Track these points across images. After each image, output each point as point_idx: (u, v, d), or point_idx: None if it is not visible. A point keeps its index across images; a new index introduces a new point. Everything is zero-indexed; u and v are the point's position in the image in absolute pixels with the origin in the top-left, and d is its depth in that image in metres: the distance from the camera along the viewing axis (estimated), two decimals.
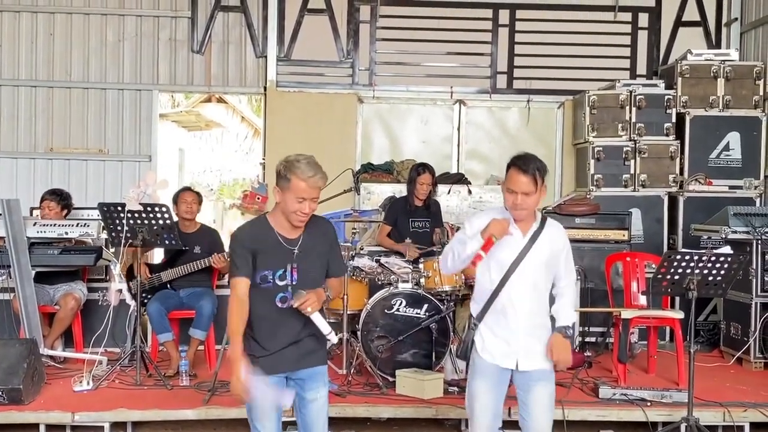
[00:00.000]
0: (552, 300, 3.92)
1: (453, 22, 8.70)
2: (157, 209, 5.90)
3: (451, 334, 5.79)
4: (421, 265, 6.14)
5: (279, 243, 3.61)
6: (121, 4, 8.63)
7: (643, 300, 6.30)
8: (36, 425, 5.11)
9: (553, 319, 3.91)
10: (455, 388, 5.54)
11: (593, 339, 6.97)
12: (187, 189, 6.68)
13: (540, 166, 3.74)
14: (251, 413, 3.69)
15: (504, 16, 8.80)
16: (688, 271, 4.78)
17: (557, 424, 5.02)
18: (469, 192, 8.24)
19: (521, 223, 3.81)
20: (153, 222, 5.91)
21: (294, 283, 3.61)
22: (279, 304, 3.61)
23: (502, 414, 3.96)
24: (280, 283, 3.61)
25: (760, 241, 6.47)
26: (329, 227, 3.80)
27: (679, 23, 8.86)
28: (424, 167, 6.96)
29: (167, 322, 6.09)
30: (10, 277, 5.92)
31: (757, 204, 7.76)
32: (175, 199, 6.47)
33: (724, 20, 8.80)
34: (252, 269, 3.59)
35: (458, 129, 8.86)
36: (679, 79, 7.96)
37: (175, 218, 6.29)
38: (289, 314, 3.61)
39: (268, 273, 3.60)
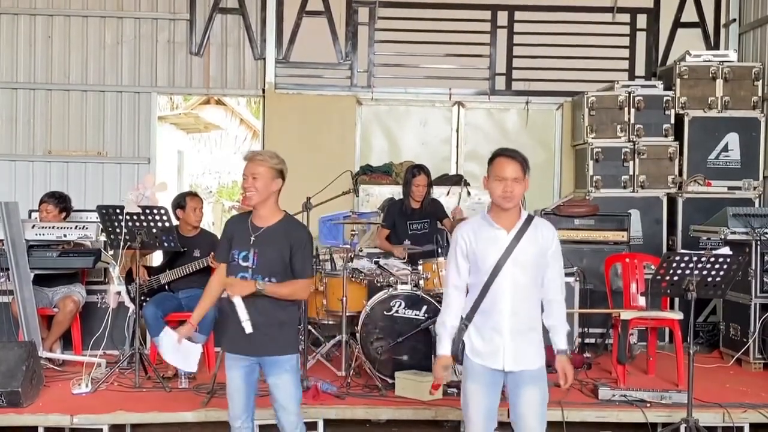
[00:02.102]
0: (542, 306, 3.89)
1: (451, 23, 8.71)
2: (155, 211, 5.89)
3: None
4: (420, 267, 6.14)
5: (247, 228, 4.11)
6: (119, 7, 8.63)
7: (642, 301, 6.30)
8: (35, 428, 5.10)
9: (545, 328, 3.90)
10: (454, 390, 5.51)
11: (592, 340, 6.97)
12: (195, 194, 6.65)
13: (525, 157, 3.79)
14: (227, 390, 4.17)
15: (502, 17, 8.80)
16: (687, 272, 4.77)
17: (557, 425, 5.03)
18: (468, 194, 8.25)
19: (505, 220, 3.77)
20: (152, 224, 5.90)
21: (254, 266, 4.03)
22: None
23: (498, 415, 3.93)
24: (243, 264, 4.06)
25: (759, 242, 6.46)
26: (298, 231, 4.16)
27: (677, 24, 8.86)
28: (419, 169, 6.97)
29: (163, 324, 6.06)
30: (9, 280, 5.92)
31: (756, 205, 7.75)
32: (182, 204, 6.42)
33: (723, 21, 8.80)
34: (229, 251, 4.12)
35: (457, 131, 8.86)
36: (678, 80, 7.96)
37: (175, 221, 6.28)
38: (250, 298, 3.99)
39: (235, 252, 4.09)
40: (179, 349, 4.24)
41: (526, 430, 3.78)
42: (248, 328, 3.98)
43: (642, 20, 8.88)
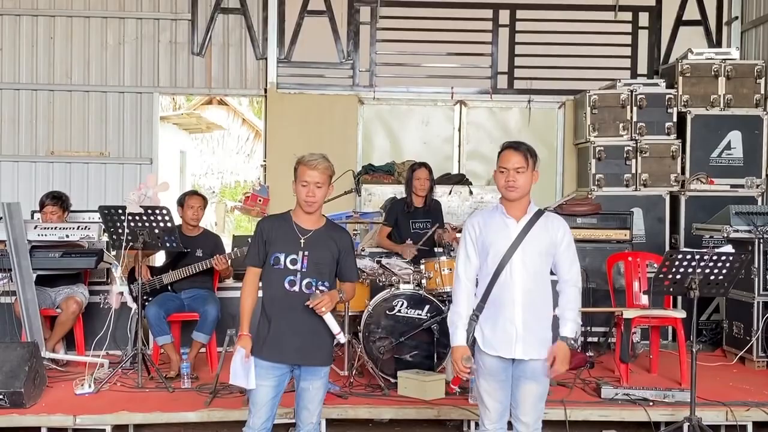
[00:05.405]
0: (556, 295, 3.91)
1: (453, 22, 8.70)
2: (158, 212, 5.89)
3: None
4: (422, 266, 6.13)
5: (293, 230, 3.98)
6: (121, 7, 8.64)
7: (645, 300, 6.29)
8: (38, 428, 5.10)
9: (556, 318, 3.91)
10: (457, 389, 5.53)
11: (595, 339, 6.96)
12: (194, 193, 6.66)
13: (531, 149, 3.85)
14: (250, 395, 3.99)
15: (504, 16, 8.80)
16: (690, 270, 4.77)
17: (560, 424, 5.04)
18: (470, 192, 8.25)
19: (515, 210, 3.83)
20: (154, 225, 5.90)
21: (303, 269, 3.92)
22: (287, 287, 3.92)
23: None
24: (291, 267, 3.92)
25: (761, 240, 6.45)
26: (344, 235, 4.11)
27: (679, 22, 8.85)
28: (419, 164, 6.98)
29: (166, 325, 6.08)
30: (12, 281, 5.92)
31: (759, 203, 7.76)
32: (181, 203, 6.45)
33: (725, 19, 8.79)
34: (265, 254, 3.97)
35: (459, 130, 8.86)
36: (680, 78, 7.95)
37: (178, 221, 6.29)
38: (296, 301, 3.91)
39: (280, 255, 3.93)
40: (244, 367, 3.93)
41: (521, 419, 3.85)
42: (343, 338, 4.02)
43: (644, 18, 8.88)
